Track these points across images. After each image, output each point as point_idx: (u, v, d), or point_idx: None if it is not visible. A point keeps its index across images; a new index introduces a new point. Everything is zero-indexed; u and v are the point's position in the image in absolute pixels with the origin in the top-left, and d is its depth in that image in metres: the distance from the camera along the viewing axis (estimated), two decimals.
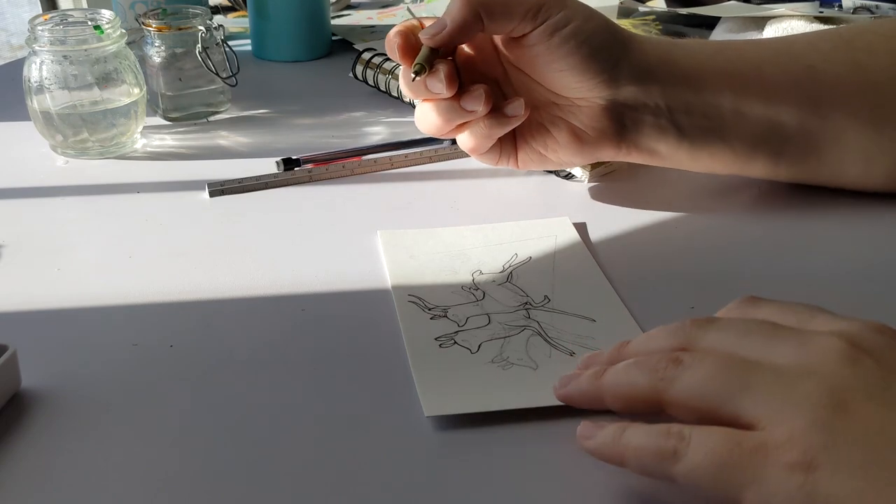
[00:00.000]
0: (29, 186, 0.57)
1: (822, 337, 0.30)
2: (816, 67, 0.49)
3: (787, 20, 0.72)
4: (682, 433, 0.29)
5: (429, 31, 0.47)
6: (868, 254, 0.49)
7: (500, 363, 0.40)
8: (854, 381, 0.28)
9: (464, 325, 0.42)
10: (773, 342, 0.31)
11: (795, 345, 0.30)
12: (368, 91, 0.73)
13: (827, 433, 0.27)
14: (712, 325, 0.33)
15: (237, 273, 0.47)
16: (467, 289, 0.46)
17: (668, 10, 0.92)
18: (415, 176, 0.60)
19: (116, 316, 0.44)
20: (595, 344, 0.41)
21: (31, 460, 0.34)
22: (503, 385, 0.38)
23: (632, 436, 0.31)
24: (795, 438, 0.27)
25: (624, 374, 0.33)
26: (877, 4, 0.84)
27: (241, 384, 0.39)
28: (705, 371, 0.30)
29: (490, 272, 0.47)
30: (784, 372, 0.29)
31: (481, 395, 0.37)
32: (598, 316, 0.43)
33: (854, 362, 0.29)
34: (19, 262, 0.48)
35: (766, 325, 0.32)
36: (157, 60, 0.66)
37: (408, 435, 0.36)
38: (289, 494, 0.33)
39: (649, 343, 0.35)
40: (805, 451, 0.27)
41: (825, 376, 0.29)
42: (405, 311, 0.43)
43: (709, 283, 0.47)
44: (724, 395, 0.30)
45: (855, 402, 0.28)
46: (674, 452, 0.29)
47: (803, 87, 0.49)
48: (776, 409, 0.28)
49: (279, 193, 0.57)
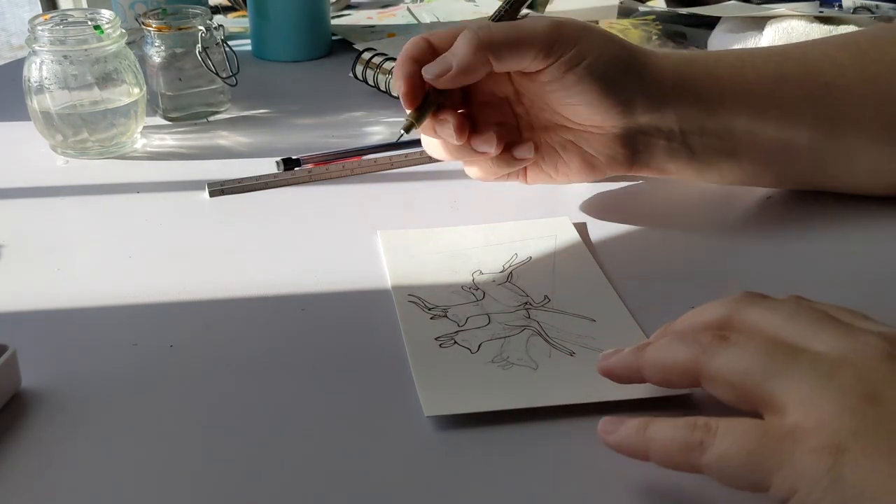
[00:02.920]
0: (29, 186, 0.57)
1: (865, 334, 0.31)
2: (832, 84, 0.49)
3: (787, 20, 0.72)
4: (708, 424, 0.30)
5: (433, 69, 0.45)
6: (873, 256, 0.49)
7: (500, 363, 0.40)
8: (890, 375, 0.29)
9: (464, 325, 0.42)
10: (818, 328, 0.31)
11: (839, 336, 0.31)
12: (368, 91, 0.73)
13: (858, 419, 0.28)
14: (763, 302, 0.34)
15: (237, 273, 0.47)
16: (467, 289, 0.46)
17: (668, 10, 0.92)
18: (415, 176, 0.60)
19: (116, 316, 0.44)
20: (595, 344, 0.41)
21: (31, 460, 0.34)
22: (503, 385, 0.38)
23: (657, 430, 0.31)
24: (825, 424, 0.28)
25: (667, 345, 0.33)
26: (877, 4, 0.84)
27: (241, 384, 0.39)
28: (750, 350, 0.31)
29: (490, 272, 0.47)
30: (823, 361, 0.30)
31: (481, 395, 0.37)
32: (598, 316, 0.43)
33: (893, 359, 0.29)
34: (19, 262, 0.48)
35: (815, 311, 0.32)
36: (157, 60, 0.66)
37: (408, 435, 0.36)
38: (289, 494, 0.33)
39: (697, 316, 0.35)
40: (834, 435, 0.27)
41: (861, 369, 0.29)
42: (405, 311, 0.43)
43: (709, 284, 0.47)
44: (764, 375, 0.30)
45: (888, 394, 0.28)
46: (700, 443, 0.29)
47: (819, 106, 0.49)
48: (809, 396, 0.29)
49: (279, 193, 0.57)
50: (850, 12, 0.84)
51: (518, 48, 0.45)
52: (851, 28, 0.70)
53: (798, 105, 0.49)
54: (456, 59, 0.45)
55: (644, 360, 0.34)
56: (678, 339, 0.33)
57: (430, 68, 0.46)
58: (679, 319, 0.36)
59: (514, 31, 0.45)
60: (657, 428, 0.31)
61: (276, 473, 0.34)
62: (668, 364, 0.33)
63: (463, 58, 0.45)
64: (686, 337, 0.33)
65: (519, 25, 0.46)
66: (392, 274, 0.47)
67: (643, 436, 0.31)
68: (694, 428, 0.30)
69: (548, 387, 0.37)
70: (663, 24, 0.89)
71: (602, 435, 0.33)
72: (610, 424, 0.33)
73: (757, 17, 0.75)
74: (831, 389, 0.29)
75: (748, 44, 0.72)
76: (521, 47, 0.45)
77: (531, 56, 0.45)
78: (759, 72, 0.49)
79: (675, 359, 0.33)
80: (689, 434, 0.30)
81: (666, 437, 0.31)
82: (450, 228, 0.51)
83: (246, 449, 0.35)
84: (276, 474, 0.34)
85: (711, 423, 0.30)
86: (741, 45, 0.73)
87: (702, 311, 0.35)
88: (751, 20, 0.75)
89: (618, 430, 0.32)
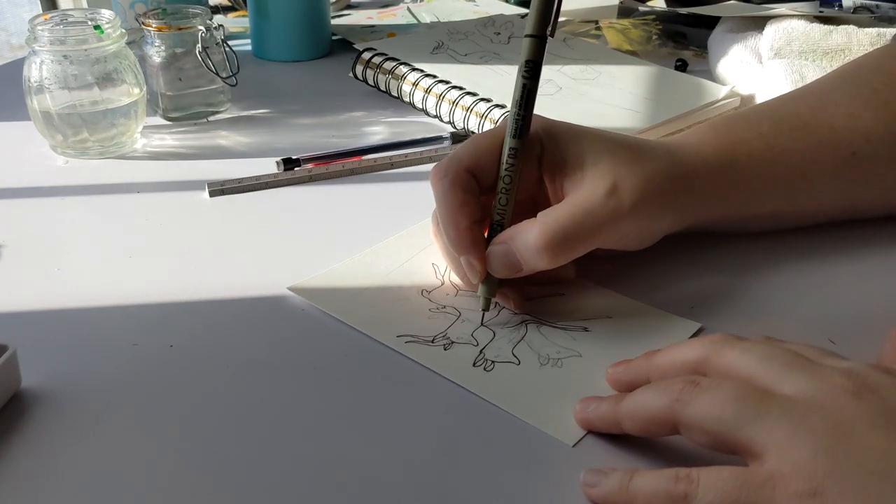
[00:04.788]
0: (29, 186, 0.57)
1: (831, 373, 0.31)
2: (859, 154, 0.48)
3: (787, 20, 0.72)
4: (690, 476, 0.30)
5: (499, 269, 0.42)
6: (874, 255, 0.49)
7: (547, 363, 0.40)
8: (858, 413, 0.29)
9: (479, 344, 0.42)
10: (789, 371, 0.32)
11: (808, 378, 0.31)
12: (368, 91, 0.73)
13: (831, 460, 0.28)
14: (737, 344, 0.34)
15: (237, 273, 0.47)
16: (436, 310, 0.44)
17: (668, 10, 0.92)
18: (415, 176, 0.60)
19: (116, 316, 0.44)
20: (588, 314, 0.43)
21: (31, 460, 0.34)
22: (578, 383, 0.39)
23: (640, 483, 0.31)
24: (800, 467, 0.28)
25: (641, 397, 0.34)
26: (877, 4, 0.84)
27: (241, 384, 0.39)
28: (722, 396, 0.31)
29: (433, 287, 0.46)
30: (794, 404, 0.30)
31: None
32: (560, 289, 0.45)
33: (859, 397, 0.30)
34: (19, 262, 0.48)
35: (787, 353, 0.33)
36: (157, 60, 0.66)
37: (408, 435, 0.36)
38: (289, 494, 0.33)
39: (677, 354, 0.36)
40: (811, 479, 0.28)
41: (831, 410, 0.30)
42: (415, 352, 0.41)
43: (709, 283, 0.47)
44: (738, 421, 0.30)
45: (858, 431, 0.29)
46: (685, 496, 0.30)
47: (845, 180, 0.49)
48: (783, 440, 0.29)
49: (279, 193, 0.57)
50: (850, 12, 0.84)
51: (593, 246, 0.42)
52: (851, 28, 0.70)
53: (826, 184, 0.49)
54: (528, 265, 0.41)
55: (622, 414, 0.34)
56: (652, 389, 0.34)
57: (497, 266, 0.42)
58: (660, 353, 0.36)
59: (591, 234, 0.42)
60: (640, 482, 0.31)
61: (276, 473, 0.34)
62: (644, 416, 0.33)
63: (536, 267, 0.41)
64: (659, 386, 0.33)
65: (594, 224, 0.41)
66: (354, 323, 0.43)
67: (627, 492, 0.31)
68: (676, 480, 0.30)
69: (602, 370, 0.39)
70: (663, 24, 0.90)
71: (584, 488, 0.33)
72: (592, 476, 0.33)
73: (757, 17, 0.75)
74: (804, 432, 0.29)
75: (748, 44, 0.72)
76: (596, 244, 0.42)
77: (601, 246, 0.43)
78: (788, 161, 0.48)
79: (650, 410, 0.33)
80: (672, 486, 0.30)
81: (650, 491, 0.31)
82: (347, 261, 0.48)
83: (246, 449, 0.35)
84: (275, 474, 0.34)
85: (693, 474, 0.30)
86: (741, 45, 0.73)
87: (682, 349, 0.35)
88: (751, 20, 0.75)
89: (600, 483, 0.32)
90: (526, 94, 0.42)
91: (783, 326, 0.43)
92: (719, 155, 0.47)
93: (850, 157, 0.48)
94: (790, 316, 0.44)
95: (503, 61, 0.74)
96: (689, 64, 0.80)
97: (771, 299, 0.45)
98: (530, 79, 0.42)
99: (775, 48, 0.70)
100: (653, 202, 0.43)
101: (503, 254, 0.42)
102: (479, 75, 0.70)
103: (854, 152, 0.48)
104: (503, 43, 0.78)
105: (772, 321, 0.43)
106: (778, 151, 0.48)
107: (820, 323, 0.43)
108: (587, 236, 0.42)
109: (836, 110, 0.49)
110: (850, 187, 0.49)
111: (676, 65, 0.79)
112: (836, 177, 0.49)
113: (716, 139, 0.48)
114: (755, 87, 0.69)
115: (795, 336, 0.36)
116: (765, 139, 0.48)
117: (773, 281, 0.47)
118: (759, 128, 0.48)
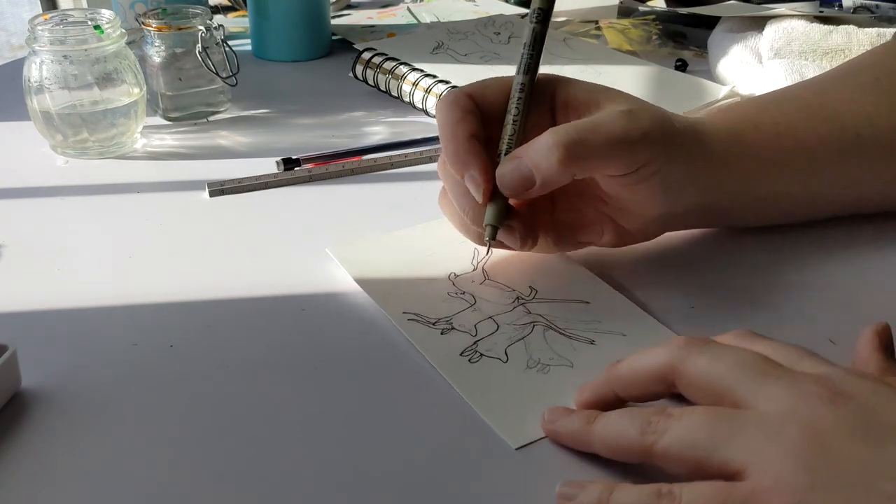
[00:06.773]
0: (29, 186, 0.57)
1: (807, 380, 0.31)
2: (863, 136, 0.48)
3: (787, 20, 0.72)
4: (672, 492, 0.29)
5: (512, 182, 0.40)
6: (871, 264, 0.49)
7: (536, 367, 0.39)
8: (834, 421, 0.29)
9: (476, 335, 0.42)
10: (762, 381, 0.31)
11: (783, 386, 0.31)
12: (368, 91, 0.73)
13: (812, 473, 0.28)
14: (706, 350, 0.33)
15: (237, 273, 0.47)
16: (454, 294, 0.45)
17: (668, 10, 0.92)
18: (415, 176, 0.60)
19: (116, 316, 0.44)
20: (604, 327, 0.42)
21: (31, 460, 0.34)
22: (557, 392, 0.38)
23: (621, 498, 0.30)
24: (782, 482, 0.28)
25: (615, 424, 0.33)
26: (877, 4, 0.84)
27: (241, 384, 0.39)
28: (693, 422, 0.31)
29: (463, 272, 0.46)
30: (768, 418, 0.30)
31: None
32: (588, 298, 0.44)
33: (834, 404, 0.29)
34: (19, 262, 0.48)
35: (758, 359, 0.32)
36: (157, 60, 0.66)
37: (408, 435, 0.36)
38: (288, 494, 0.33)
39: (641, 363, 0.34)
40: (793, 493, 0.28)
41: (807, 420, 0.29)
42: (412, 331, 0.42)
43: (709, 284, 0.47)
44: (713, 446, 0.30)
45: (836, 441, 0.28)
46: None
47: (850, 162, 0.49)
48: (762, 455, 0.29)
49: (279, 193, 0.57)
50: (850, 12, 0.84)
51: (607, 163, 0.41)
52: (851, 28, 0.70)
53: (831, 165, 0.48)
54: (541, 175, 0.40)
55: (593, 437, 0.33)
56: (625, 417, 0.33)
57: (509, 180, 0.41)
58: (622, 364, 0.35)
59: (605, 142, 0.40)
60: (621, 498, 0.30)
61: (276, 473, 0.34)
62: (615, 445, 0.33)
63: (549, 175, 0.40)
64: (631, 416, 0.32)
65: (608, 133, 0.40)
66: (371, 292, 0.44)
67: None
68: (659, 496, 0.29)
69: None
70: (663, 24, 0.89)
71: (560, 501, 0.32)
72: (569, 488, 0.32)
73: (757, 17, 0.75)
74: (782, 446, 0.29)
75: (748, 44, 0.72)
76: (610, 161, 0.41)
77: (614, 169, 0.41)
78: (795, 136, 0.48)
79: (621, 439, 0.32)
80: (654, 502, 0.29)
81: None
82: (395, 233, 0.50)
83: (245, 449, 0.35)
84: (275, 474, 0.34)
85: (675, 490, 0.29)
86: (741, 45, 0.73)
87: (646, 359, 0.34)
88: (751, 20, 0.75)
89: (578, 496, 0.31)
90: (535, 36, 0.44)
91: (783, 326, 0.42)
92: (727, 127, 0.47)
93: (855, 139, 0.48)
94: (790, 316, 0.44)
95: (503, 61, 0.74)
96: (689, 64, 0.80)
97: (771, 299, 0.45)
98: (539, 23, 0.44)
99: (775, 48, 0.70)
100: (667, 141, 0.42)
101: (514, 167, 0.40)
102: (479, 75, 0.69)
103: (858, 133, 0.48)
104: (503, 43, 0.78)
105: (772, 321, 0.43)
106: (784, 127, 0.48)
107: (820, 323, 0.43)
108: (601, 144, 0.40)
109: (838, 96, 0.50)
110: (856, 173, 0.49)
111: (676, 65, 0.79)
112: (843, 161, 0.48)
113: (721, 115, 0.48)
114: (755, 87, 0.69)
115: (796, 336, 0.36)
116: (771, 116, 0.48)
117: (773, 281, 0.47)
118: (765, 108, 0.49)
